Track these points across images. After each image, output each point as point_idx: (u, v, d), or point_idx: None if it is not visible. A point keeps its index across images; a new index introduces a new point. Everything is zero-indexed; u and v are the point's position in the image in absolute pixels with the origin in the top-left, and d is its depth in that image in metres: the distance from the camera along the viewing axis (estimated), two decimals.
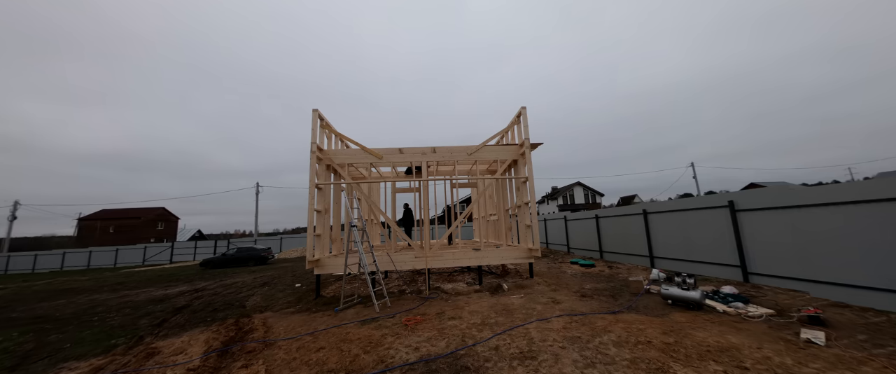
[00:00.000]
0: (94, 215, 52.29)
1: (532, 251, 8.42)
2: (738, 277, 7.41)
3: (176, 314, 7.68)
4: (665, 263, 9.56)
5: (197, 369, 4.23)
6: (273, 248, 31.00)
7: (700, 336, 4.21)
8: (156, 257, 32.63)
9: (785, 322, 4.73)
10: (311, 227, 8.09)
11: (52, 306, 10.01)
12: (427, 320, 5.56)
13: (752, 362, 3.49)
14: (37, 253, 33.11)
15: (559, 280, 8.55)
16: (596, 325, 4.81)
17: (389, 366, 3.87)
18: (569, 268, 10.70)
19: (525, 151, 8.97)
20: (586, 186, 54.56)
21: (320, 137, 8.75)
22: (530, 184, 8.76)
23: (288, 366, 4.11)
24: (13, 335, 6.66)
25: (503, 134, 10.47)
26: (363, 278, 8.56)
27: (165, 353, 4.92)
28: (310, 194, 8.20)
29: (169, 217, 57.42)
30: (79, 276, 21.20)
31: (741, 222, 7.42)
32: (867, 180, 5.66)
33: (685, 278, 5.95)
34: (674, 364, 3.50)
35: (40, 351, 5.57)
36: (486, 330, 4.86)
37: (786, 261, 6.49)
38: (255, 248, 22.60)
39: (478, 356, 4.01)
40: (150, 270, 22.77)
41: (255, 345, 4.94)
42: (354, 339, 4.80)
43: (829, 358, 3.52)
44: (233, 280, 13.25)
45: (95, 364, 4.74)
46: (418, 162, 9.42)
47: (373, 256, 7.38)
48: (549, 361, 3.73)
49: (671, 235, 9.46)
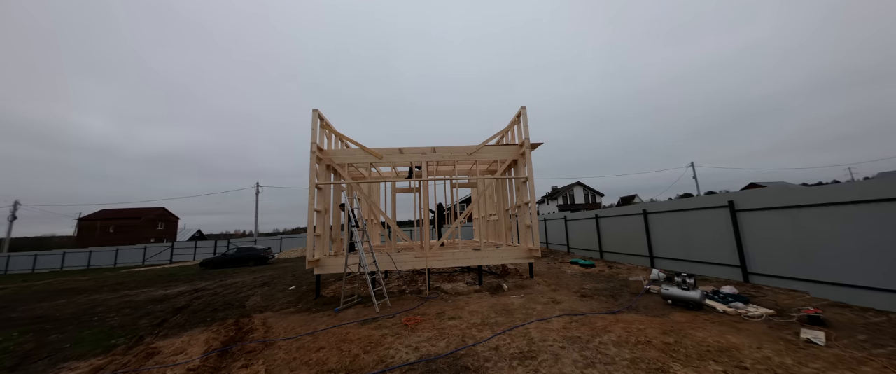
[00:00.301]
0: (94, 215, 52.31)
1: (532, 251, 8.42)
2: (738, 277, 7.41)
3: (176, 314, 7.68)
4: (665, 263, 9.56)
5: (197, 369, 4.23)
6: (273, 248, 31.01)
7: (700, 336, 4.21)
8: (156, 257, 32.63)
9: (785, 322, 4.73)
10: (310, 227, 8.09)
11: (52, 306, 10.01)
12: (427, 320, 5.56)
13: (752, 362, 3.49)
14: (37, 253, 33.11)
15: (559, 280, 8.55)
16: (596, 325, 4.81)
17: (389, 366, 3.87)
18: (569, 268, 10.70)
19: (525, 151, 8.97)
20: (586, 186, 54.60)
21: (320, 137, 8.75)
22: (530, 184, 8.76)
23: (288, 366, 4.11)
24: (13, 335, 6.66)
25: (503, 134, 10.47)
26: (363, 278, 8.56)
27: (165, 353, 4.92)
28: (310, 193, 8.20)
29: (169, 217, 57.45)
30: (79, 276, 21.21)
31: (741, 222, 7.42)
32: (867, 180, 5.67)
33: (685, 278, 5.95)
34: (674, 364, 3.50)
35: (40, 351, 5.57)
36: (486, 330, 4.86)
37: (786, 261, 6.49)
38: (255, 248, 22.61)
39: (478, 356, 4.01)
40: (150, 270, 22.78)
41: (255, 345, 4.94)
42: (354, 339, 4.80)
43: (829, 358, 3.52)
44: (233, 280, 13.25)
45: (95, 364, 4.74)
46: (418, 162, 9.42)
47: (373, 256, 7.38)
48: (549, 361, 3.74)
49: (671, 235, 9.46)
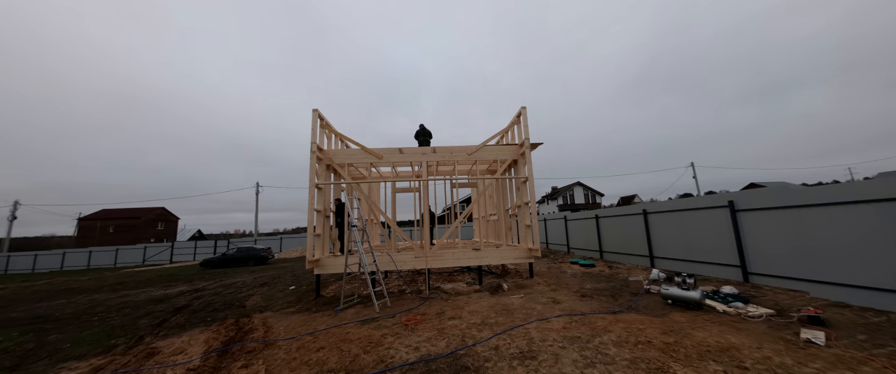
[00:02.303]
0: (94, 214, 52.30)
1: (532, 251, 8.42)
2: (738, 277, 7.41)
3: (176, 314, 7.68)
4: (665, 263, 9.56)
5: (197, 369, 4.23)
6: (273, 248, 31.02)
7: (700, 336, 4.21)
8: (156, 257, 32.63)
9: (785, 322, 4.73)
10: (310, 227, 8.09)
11: (52, 306, 10.01)
12: (427, 320, 5.55)
13: (752, 362, 3.49)
14: (37, 253, 33.09)
15: (559, 280, 8.55)
16: (596, 325, 4.81)
17: (389, 366, 3.87)
18: (569, 268, 10.70)
19: (525, 151, 8.97)
20: (586, 186, 54.60)
21: (320, 137, 8.75)
22: (530, 184, 8.76)
23: (288, 366, 4.11)
24: (13, 335, 6.66)
25: (503, 134, 10.47)
26: (363, 278, 8.56)
27: (165, 353, 4.91)
28: (310, 193, 8.20)
29: (169, 217, 57.45)
30: (79, 276, 21.21)
31: (741, 222, 7.42)
32: (867, 180, 5.67)
33: (685, 278, 5.96)
34: (674, 364, 3.49)
35: (40, 351, 5.57)
36: (486, 330, 4.86)
37: (786, 261, 6.49)
38: (255, 248, 22.60)
39: (478, 355, 4.00)
40: (150, 270, 22.78)
41: (255, 345, 4.94)
42: (354, 339, 4.79)
43: (829, 358, 3.52)
44: (233, 280, 13.25)
45: (95, 364, 4.74)
46: (418, 162, 9.42)
47: (373, 256, 7.38)
48: (548, 361, 3.73)
49: (671, 235, 9.45)
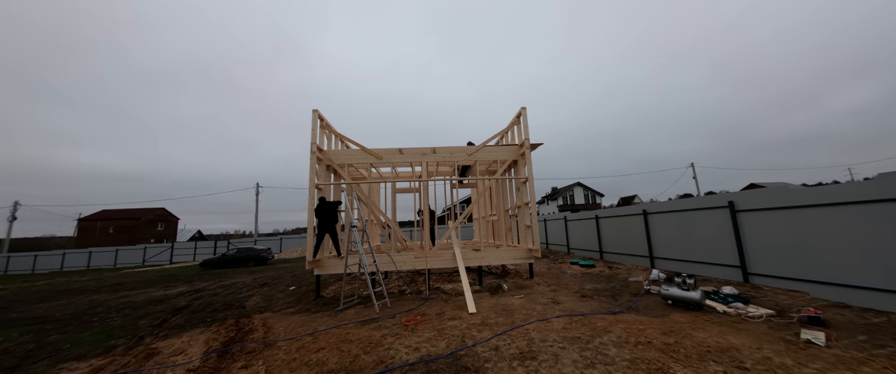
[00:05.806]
0: (94, 215, 52.34)
1: (532, 252, 8.42)
2: (738, 277, 7.40)
3: (176, 315, 7.68)
4: (665, 263, 9.56)
5: (197, 369, 4.23)
6: (273, 248, 31.00)
7: (700, 337, 4.21)
8: (156, 257, 32.63)
9: (785, 323, 4.73)
10: (311, 227, 8.09)
11: (52, 306, 10.02)
12: (427, 320, 5.55)
13: (752, 362, 3.49)
14: (37, 253, 33.13)
15: (559, 281, 8.55)
16: (596, 325, 4.81)
17: (389, 366, 3.87)
18: (569, 268, 10.69)
19: (525, 151, 8.97)
20: (586, 186, 54.59)
21: (320, 138, 8.75)
22: (530, 184, 8.76)
23: (288, 366, 4.11)
24: (13, 336, 6.66)
25: (503, 134, 10.48)
26: (363, 278, 8.55)
27: (165, 353, 4.92)
28: (310, 194, 8.20)
29: (169, 218, 57.48)
30: (79, 276, 21.22)
31: (741, 222, 7.41)
32: (867, 180, 5.66)
33: (685, 279, 5.96)
34: (674, 365, 3.49)
35: (40, 352, 5.58)
36: (486, 330, 4.86)
37: (786, 261, 6.49)
38: (255, 248, 22.62)
39: (478, 356, 4.00)
40: (149, 270, 22.78)
41: (254, 345, 4.94)
42: (354, 339, 4.79)
43: (829, 359, 3.52)
44: (232, 281, 13.26)
45: (95, 365, 4.74)
46: (418, 162, 9.42)
47: (373, 256, 7.38)
48: (549, 361, 3.73)
49: (671, 235, 9.45)
